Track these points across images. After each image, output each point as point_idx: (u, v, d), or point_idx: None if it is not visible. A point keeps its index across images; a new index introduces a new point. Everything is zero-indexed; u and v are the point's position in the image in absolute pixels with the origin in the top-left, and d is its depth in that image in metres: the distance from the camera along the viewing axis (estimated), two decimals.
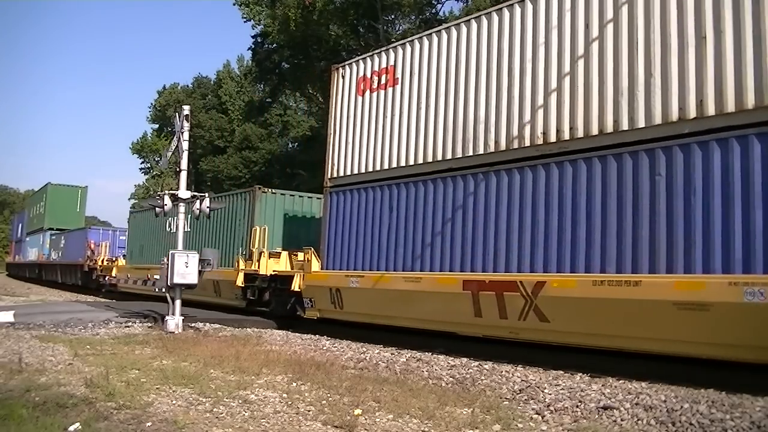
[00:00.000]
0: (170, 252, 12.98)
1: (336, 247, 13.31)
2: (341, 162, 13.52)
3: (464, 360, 9.75)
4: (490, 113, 10.55)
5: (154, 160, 67.80)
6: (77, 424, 5.32)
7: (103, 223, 62.59)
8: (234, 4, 38.10)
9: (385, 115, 12.56)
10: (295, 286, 13.84)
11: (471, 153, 10.77)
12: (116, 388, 6.70)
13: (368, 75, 13.11)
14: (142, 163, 72.38)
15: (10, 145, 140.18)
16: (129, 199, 75.60)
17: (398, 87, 12.37)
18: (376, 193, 12.54)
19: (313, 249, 13.78)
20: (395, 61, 12.54)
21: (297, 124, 50.30)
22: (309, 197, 18.13)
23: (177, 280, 12.75)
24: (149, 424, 5.55)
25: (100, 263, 28.06)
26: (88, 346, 10.07)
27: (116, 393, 6.48)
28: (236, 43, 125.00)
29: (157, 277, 13.93)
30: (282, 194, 17.84)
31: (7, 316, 13.85)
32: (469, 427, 5.79)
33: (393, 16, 36.33)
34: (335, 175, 13.67)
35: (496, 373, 8.71)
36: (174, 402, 6.41)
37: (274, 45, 38.45)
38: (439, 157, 11.32)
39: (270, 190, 17.64)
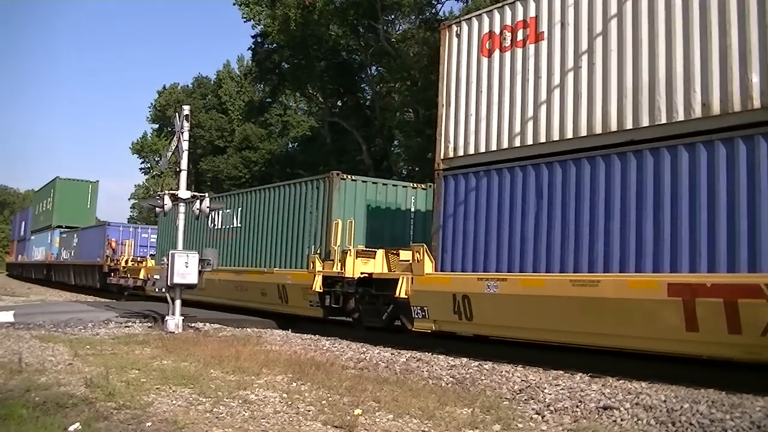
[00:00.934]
0: (170, 252, 12.99)
1: (455, 243, 10.75)
2: (460, 139, 10.92)
3: (464, 360, 9.75)
4: (692, 67, 8.12)
5: (154, 160, 67.80)
6: (77, 424, 5.32)
7: (102, 222, 61.56)
8: (234, 4, 38.18)
9: (524, 78, 10.07)
10: (401, 291, 11.35)
11: (663, 120, 8.35)
12: (116, 388, 6.70)
13: (496, 31, 10.63)
14: (142, 163, 72.46)
15: (10, 145, 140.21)
16: (129, 199, 75.69)
17: (543, 43, 9.90)
18: (515, 175, 10.00)
19: (425, 247, 11.26)
20: (537, 11, 10.03)
21: (297, 124, 50.32)
22: (393, 185, 15.50)
23: (177, 280, 12.75)
24: (149, 424, 5.56)
25: (123, 264, 25.71)
26: (88, 346, 10.07)
27: (116, 393, 6.48)
28: (236, 43, 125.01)
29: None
30: (363, 182, 15.05)
31: (7, 316, 13.85)
32: (469, 427, 5.80)
33: (393, 16, 36.33)
34: (451, 155, 11.04)
35: (496, 373, 8.71)
36: (174, 402, 6.41)
37: (274, 45, 38.46)
38: (613, 128, 8.90)
39: (350, 176, 14.83)
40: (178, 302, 12.96)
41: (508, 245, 9.98)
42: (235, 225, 17.69)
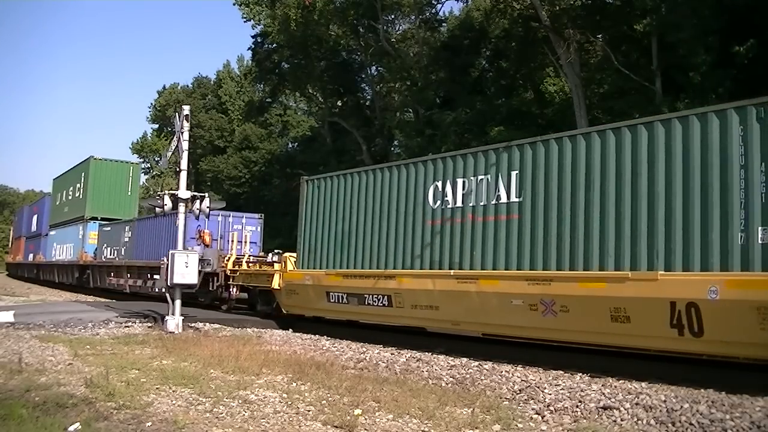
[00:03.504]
0: (170, 252, 12.98)
1: None
2: None
3: (464, 360, 9.75)
4: None
5: (154, 160, 67.82)
6: (77, 424, 5.32)
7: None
8: (234, 4, 38.29)
9: None
10: None
11: None
12: (116, 388, 6.71)
13: None
14: (142, 163, 72.43)
15: (11, 145, 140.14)
16: None
17: None
18: None
19: None
20: None
21: (297, 124, 50.41)
22: None
23: (177, 280, 12.75)
24: (149, 424, 5.56)
25: (230, 266, 17.07)
26: (88, 346, 10.07)
27: (116, 393, 6.49)
28: (236, 43, 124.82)
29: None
30: None
31: (7, 316, 13.85)
32: (469, 427, 5.80)
33: (393, 16, 36.38)
34: None
35: (496, 373, 8.71)
36: (174, 402, 6.42)
37: (274, 45, 38.50)
38: None
39: None
40: (177, 302, 12.95)
41: None
42: (504, 200, 10.59)
